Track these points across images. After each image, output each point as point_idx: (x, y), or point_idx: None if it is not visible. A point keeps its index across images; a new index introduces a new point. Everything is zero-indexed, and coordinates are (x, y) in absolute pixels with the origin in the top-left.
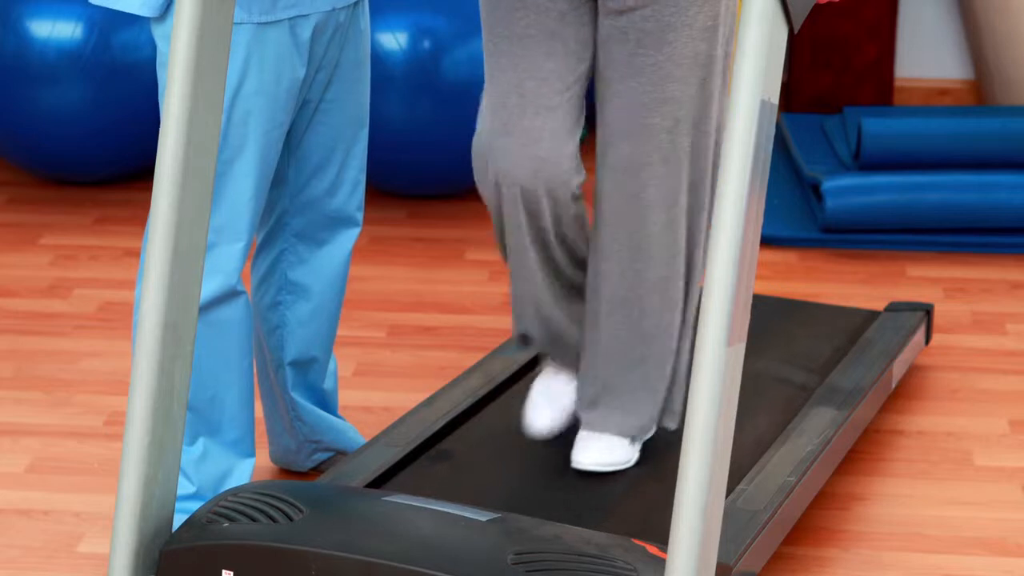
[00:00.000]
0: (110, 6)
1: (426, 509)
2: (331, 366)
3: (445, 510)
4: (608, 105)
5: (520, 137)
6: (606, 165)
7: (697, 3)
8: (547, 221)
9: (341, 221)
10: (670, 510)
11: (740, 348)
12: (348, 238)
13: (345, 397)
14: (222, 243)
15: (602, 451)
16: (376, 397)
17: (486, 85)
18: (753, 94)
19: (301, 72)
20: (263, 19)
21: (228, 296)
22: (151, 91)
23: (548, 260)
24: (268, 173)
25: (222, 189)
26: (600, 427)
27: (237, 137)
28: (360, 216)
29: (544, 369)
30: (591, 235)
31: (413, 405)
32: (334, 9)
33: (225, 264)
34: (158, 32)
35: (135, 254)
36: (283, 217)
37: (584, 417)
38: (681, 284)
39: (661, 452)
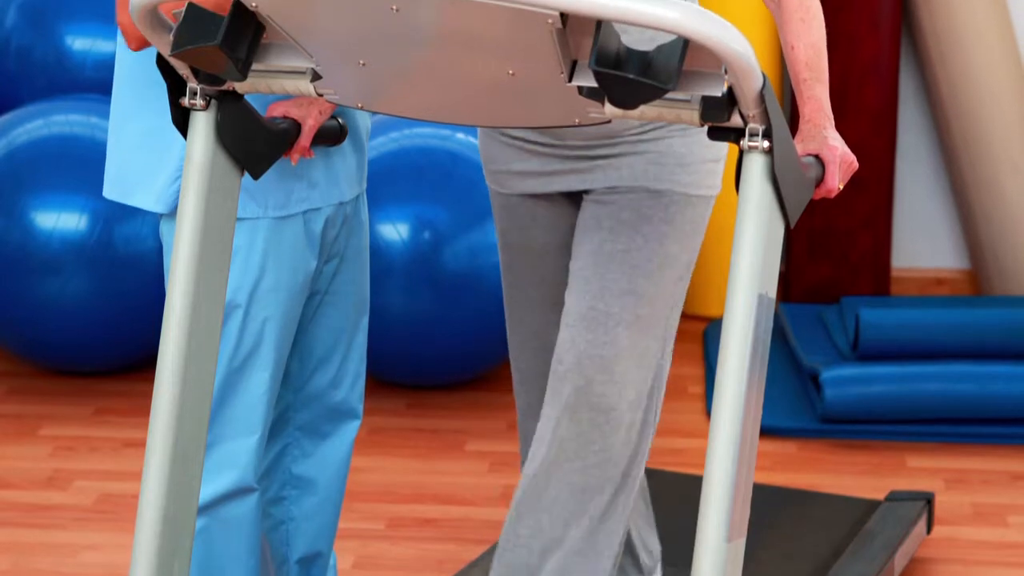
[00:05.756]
0: (123, 201)
1: None
2: (331, 559)
3: None
4: (570, 291)
5: (548, 341)
6: (559, 359)
7: (679, 203)
8: None
9: (344, 413)
10: None
11: (740, 544)
12: (350, 430)
13: None
14: (236, 436)
15: None
16: None
17: (506, 294)
18: (751, 289)
19: (313, 265)
20: (279, 213)
21: (241, 492)
22: (153, 283)
23: None
24: (282, 365)
25: (237, 383)
26: None
27: (254, 333)
28: (361, 408)
29: None
30: None
31: None
32: (341, 203)
33: (238, 458)
34: (166, 228)
35: (135, 445)
36: (286, 412)
37: None
38: (605, 498)
39: None
